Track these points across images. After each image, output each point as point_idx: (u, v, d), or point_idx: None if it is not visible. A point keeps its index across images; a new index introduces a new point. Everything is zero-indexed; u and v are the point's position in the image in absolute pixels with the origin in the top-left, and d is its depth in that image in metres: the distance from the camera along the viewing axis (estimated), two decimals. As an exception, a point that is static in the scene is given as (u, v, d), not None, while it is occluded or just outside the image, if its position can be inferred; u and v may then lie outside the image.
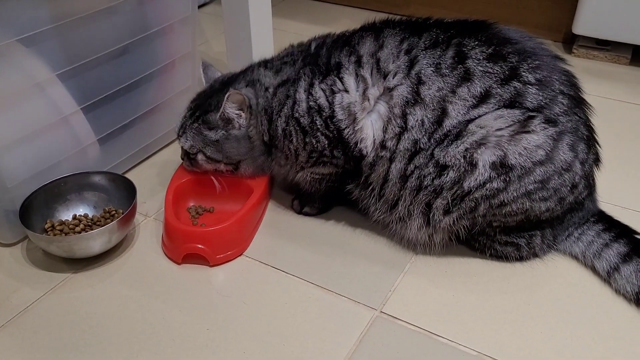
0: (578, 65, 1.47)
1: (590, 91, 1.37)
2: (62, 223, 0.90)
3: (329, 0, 1.90)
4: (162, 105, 1.09)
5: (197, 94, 0.96)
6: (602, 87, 1.38)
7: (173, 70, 1.09)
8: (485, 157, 0.78)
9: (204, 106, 0.91)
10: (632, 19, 1.37)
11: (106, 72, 0.95)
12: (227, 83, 0.93)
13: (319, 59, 0.88)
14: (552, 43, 1.59)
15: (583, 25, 1.45)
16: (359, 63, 0.85)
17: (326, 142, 0.87)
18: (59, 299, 0.83)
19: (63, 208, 0.93)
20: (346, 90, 0.85)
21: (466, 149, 0.78)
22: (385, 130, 0.83)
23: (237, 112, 0.88)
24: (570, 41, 1.55)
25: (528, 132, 0.78)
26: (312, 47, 0.91)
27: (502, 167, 0.78)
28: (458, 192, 0.80)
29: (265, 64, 0.94)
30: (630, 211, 0.98)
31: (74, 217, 0.92)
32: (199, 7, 1.82)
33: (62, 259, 0.88)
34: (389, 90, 0.83)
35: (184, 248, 0.87)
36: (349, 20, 1.77)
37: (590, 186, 0.87)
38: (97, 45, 0.92)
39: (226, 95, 0.86)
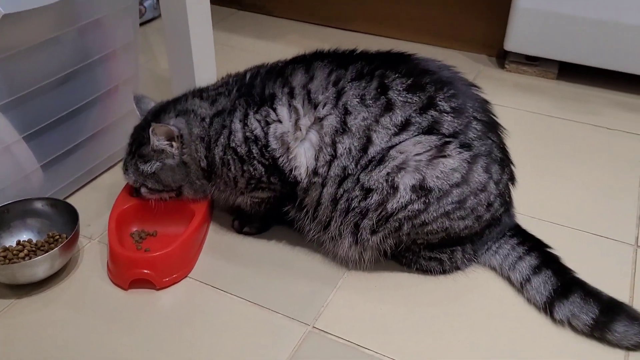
0: (509, 79, 1.58)
1: (519, 105, 1.48)
2: (5, 249, 0.93)
3: (277, 15, 1.94)
4: (105, 129, 1.12)
5: (134, 127, 1.00)
6: (530, 100, 1.47)
7: (116, 95, 1.12)
8: (406, 181, 0.85)
9: (138, 140, 0.95)
10: (558, 37, 1.47)
11: (49, 101, 0.98)
12: (158, 114, 0.97)
13: (253, 90, 0.93)
14: (486, 58, 1.68)
15: (513, 42, 1.54)
16: (291, 94, 0.90)
17: (263, 170, 0.92)
18: (2, 325, 0.86)
19: (7, 235, 0.95)
20: (279, 121, 0.90)
21: (388, 174, 0.85)
22: (317, 158, 0.89)
23: (166, 143, 0.93)
24: (503, 57, 1.64)
25: (444, 156, 0.85)
26: (247, 78, 0.96)
27: (421, 189, 0.85)
28: (382, 213, 0.87)
29: (200, 93, 0.98)
30: (547, 223, 1.06)
31: (18, 243, 0.95)
32: (147, 22, 1.84)
33: (5, 285, 0.91)
34: (319, 120, 0.88)
35: (130, 274, 0.90)
36: (296, 35, 1.82)
37: (507, 203, 0.95)
38: (39, 76, 0.95)
39: (150, 130, 0.90)
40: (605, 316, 0.83)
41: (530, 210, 1.07)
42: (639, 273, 0.96)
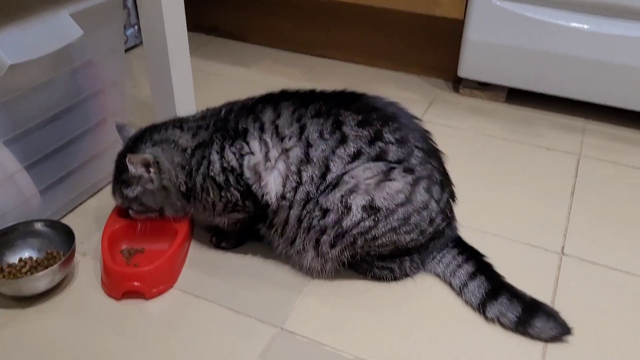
0: (463, 102, 1.74)
1: (471, 127, 1.64)
2: (10, 266, 1.05)
3: (252, 42, 2.07)
4: (95, 156, 1.24)
5: (117, 154, 1.11)
6: (480, 122, 1.62)
7: (104, 126, 1.24)
8: (357, 202, 0.99)
9: (120, 167, 1.08)
10: (505, 65, 1.62)
11: (45, 134, 1.10)
12: (136, 142, 1.09)
13: (228, 125, 1.06)
14: (443, 82, 1.84)
15: (466, 70, 1.70)
16: (262, 129, 1.04)
17: (238, 195, 1.06)
18: (11, 332, 0.98)
19: (10, 253, 1.07)
20: (252, 153, 1.03)
21: (342, 196, 0.99)
22: (284, 185, 1.02)
23: (142, 169, 1.05)
24: (458, 81, 1.80)
25: (390, 180, 0.99)
26: (222, 113, 1.09)
27: (371, 209, 0.99)
28: (339, 230, 1.00)
29: (180, 124, 1.10)
30: (486, 234, 1.21)
31: (20, 260, 1.07)
32: (129, 49, 1.97)
33: (11, 297, 1.03)
34: (286, 151, 1.02)
35: (122, 286, 1.03)
36: (269, 61, 1.96)
37: (448, 218, 1.09)
38: (37, 113, 1.07)
39: (127, 160, 1.03)
40: (527, 314, 0.97)
41: (472, 222, 1.22)
42: (562, 278, 1.12)
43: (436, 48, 1.81)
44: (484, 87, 1.75)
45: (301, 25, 1.96)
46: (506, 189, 1.36)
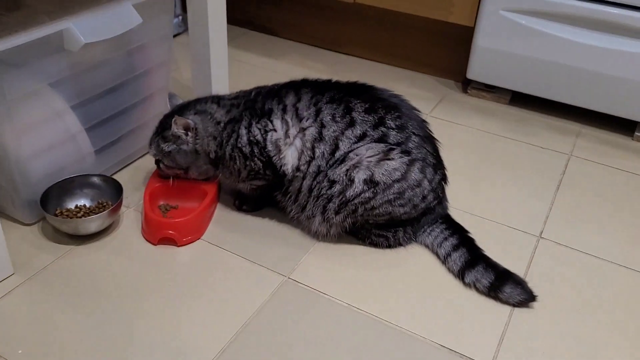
0: (470, 102, 1.91)
1: (475, 125, 1.80)
2: (68, 210, 1.25)
3: (282, 36, 2.26)
4: (142, 125, 1.44)
5: (163, 115, 1.31)
6: (484, 121, 1.78)
7: (151, 99, 1.44)
8: (360, 176, 1.16)
9: (163, 124, 1.27)
10: (510, 70, 1.77)
11: (104, 102, 1.31)
12: (182, 108, 1.28)
13: (256, 105, 1.25)
14: (453, 83, 1.99)
15: (474, 72, 1.86)
16: (284, 110, 1.22)
17: (261, 165, 1.24)
18: (66, 263, 1.18)
19: (69, 199, 1.27)
20: (275, 130, 1.22)
21: (347, 170, 1.17)
22: (299, 159, 1.21)
23: (183, 132, 1.24)
24: (467, 83, 1.96)
25: (389, 159, 1.16)
26: (252, 95, 1.28)
27: (371, 182, 1.16)
28: (343, 199, 1.19)
29: (217, 101, 1.28)
30: (475, 216, 1.37)
31: (76, 207, 1.27)
32: (173, 36, 2.17)
33: (67, 235, 1.24)
34: (303, 130, 1.20)
35: (159, 234, 1.22)
36: (297, 55, 2.14)
37: (439, 197, 1.25)
38: (98, 84, 1.27)
39: (173, 120, 1.22)
40: (498, 281, 1.13)
41: (463, 205, 1.39)
42: (536, 256, 1.27)
43: (448, 51, 1.98)
44: (490, 89, 1.90)
45: (327, 24, 2.15)
46: (498, 179, 1.52)
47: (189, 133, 1.24)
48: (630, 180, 1.55)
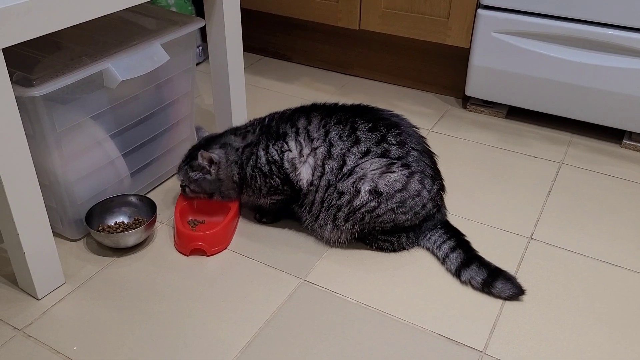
0: (469, 117, 2.05)
1: (474, 138, 1.94)
2: (109, 226, 1.42)
3: (294, 61, 2.42)
4: (170, 150, 1.60)
5: (192, 146, 1.47)
6: (481, 134, 1.92)
7: (177, 127, 1.61)
8: (365, 187, 1.31)
9: (192, 155, 1.43)
10: (506, 87, 1.90)
11: (137, 131, 1.47)
12: (209, 141, 1.44)
13: (271, 129, 1.40)
14: (454, 99, 2.13)
15: (472, 89, 2.00)
16: (297, 132, 1.37)
17: (279, 181, 1.39)
18: (109, 273, 1.35)
19: (109, 217, 1.43)
20: (290, 150, 1.37)
21: (353, 182, 1.31)
22: (313, 174, 1.36)
23: (207, 164, 1.37)
24: (466, 99, 2.11)
25: (391, 172, 1.31)
26: (266, 121, 1.44)
27: (375, 192, 1.31)
28: (351, 208, 1.33)
29: (234, 131, 1.44)
30: (471, 221, 1.51)
31: (115, 223, 1.44)
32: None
33: (109, 248, 1.40)
34: (314, 150, 1.36)
35: (190, 245, 1.37)
36: (308, 78, 2.31)
37: (438, 205, 1.40)
38: (132, 115, 1.44)
39: (199, 153, 1.36)
40: (490, 277, 1.27)
41: (460, 212, 1.53)
42: (527, 255, 1.41)
43: (448, 70, 2.13)
44: (487, 105, 2.04)
45: (335, 49, 2.30)
46: (493, 187, 1.66)
47: (213, 166, 1.40)
48: (618, 185, 1.67)
